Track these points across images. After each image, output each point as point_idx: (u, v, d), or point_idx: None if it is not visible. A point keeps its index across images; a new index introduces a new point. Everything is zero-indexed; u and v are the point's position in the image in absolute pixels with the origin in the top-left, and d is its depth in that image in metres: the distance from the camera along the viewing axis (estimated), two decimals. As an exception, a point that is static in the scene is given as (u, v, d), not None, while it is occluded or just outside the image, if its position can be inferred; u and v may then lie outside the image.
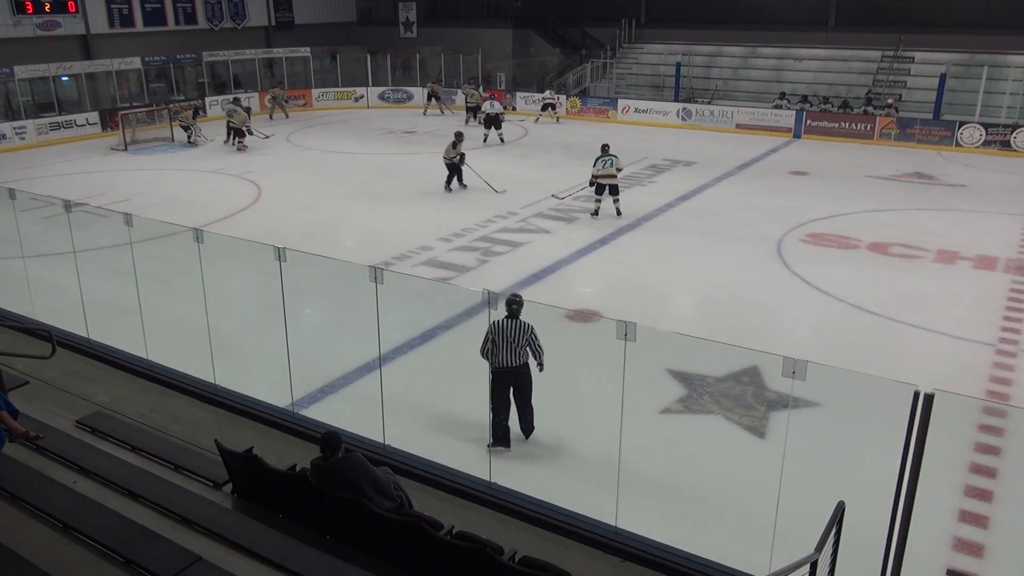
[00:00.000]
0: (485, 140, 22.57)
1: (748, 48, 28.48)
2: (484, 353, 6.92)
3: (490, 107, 22.89)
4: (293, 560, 4.46)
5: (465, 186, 17.13)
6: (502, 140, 22.74)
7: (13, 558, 4.39)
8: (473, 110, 25.47)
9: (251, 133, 22.20)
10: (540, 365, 7.12)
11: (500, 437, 7.05)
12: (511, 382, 7.00)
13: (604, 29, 31.04)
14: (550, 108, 26.57)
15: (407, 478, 6.02)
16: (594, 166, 14.76)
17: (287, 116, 27.08)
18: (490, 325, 6.80)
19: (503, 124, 22.95)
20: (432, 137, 23.83)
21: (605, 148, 15.03)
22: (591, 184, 14.94)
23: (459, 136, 16.89)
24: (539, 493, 6.21)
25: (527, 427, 7.21)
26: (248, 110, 23.92)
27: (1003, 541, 6.24)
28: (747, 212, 15.36)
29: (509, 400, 7.04)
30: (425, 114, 27.98)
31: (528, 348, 6.97)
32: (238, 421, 7.52)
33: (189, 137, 22.57)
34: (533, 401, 7.12)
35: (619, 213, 14.94)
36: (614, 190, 14.80)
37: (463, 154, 16.86)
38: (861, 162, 20.09)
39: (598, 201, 14.92)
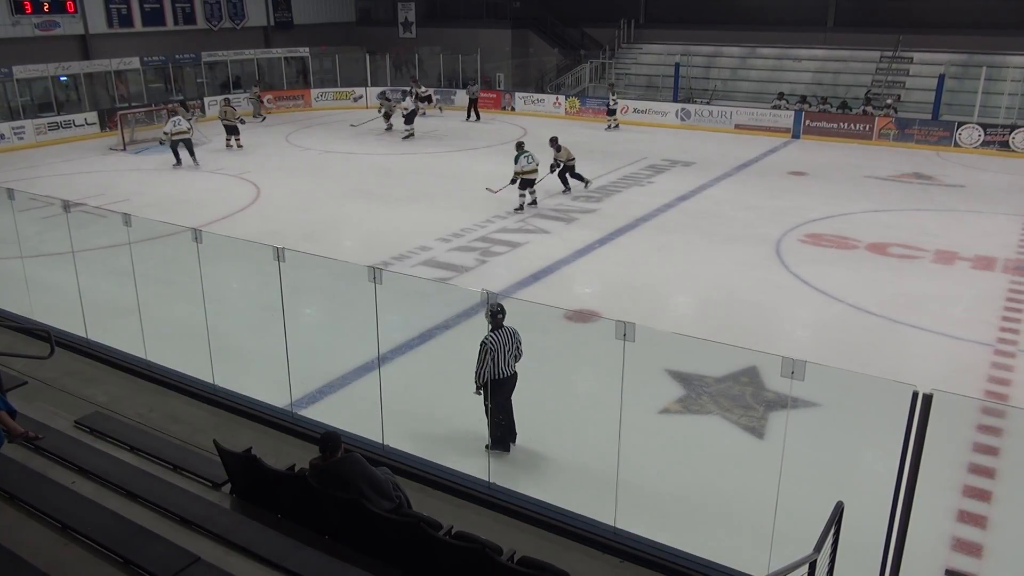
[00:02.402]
0: (406, 136, 23.26)
1: (747, 48, 28.51)
2: (482, 374, 6.78)
3: (411, 103, 23.86)
4: (292, 560, 4.46)
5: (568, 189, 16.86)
6: (412, 134, 23.38)
7: (12, 558, 4.38)
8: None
9: (243, 122, 22.17)
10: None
11: (500, 440, 7.05)
12: (511, 387, 6.98)
13: (603, 29, 31.07)
14: (613, 114, 25.21)
15: (406, 478, 6.02)
16: (516, 163, 15.26)
17: (255, 116, 26.91)
18: (485, 345, 6.74)
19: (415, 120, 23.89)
20: (431, 138, 23.84)
21: (521, 145, 15.69)
22: (513, 182, 15.43)
23: (553, 141, 16.59)
24: (538, 493, 6.22)
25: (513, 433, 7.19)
26: (226, 100, 23.74)
27: (1002, 541, 6.24)
28: (746, 212, 15.36)
29: (507, 404, 7.03)
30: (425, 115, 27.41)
31: (516, 352, 6.93)
32: (237, 421, 7.52)
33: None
34: (530, 401, 7.11)
35: (535, 203, 15.65)
36: (532, 183, 15.52)
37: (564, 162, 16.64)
38: (860, 162, 20.10)
39: (523, 196, 15.39)
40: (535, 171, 15.39)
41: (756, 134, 23.88)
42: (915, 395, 4.49)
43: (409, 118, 23.51)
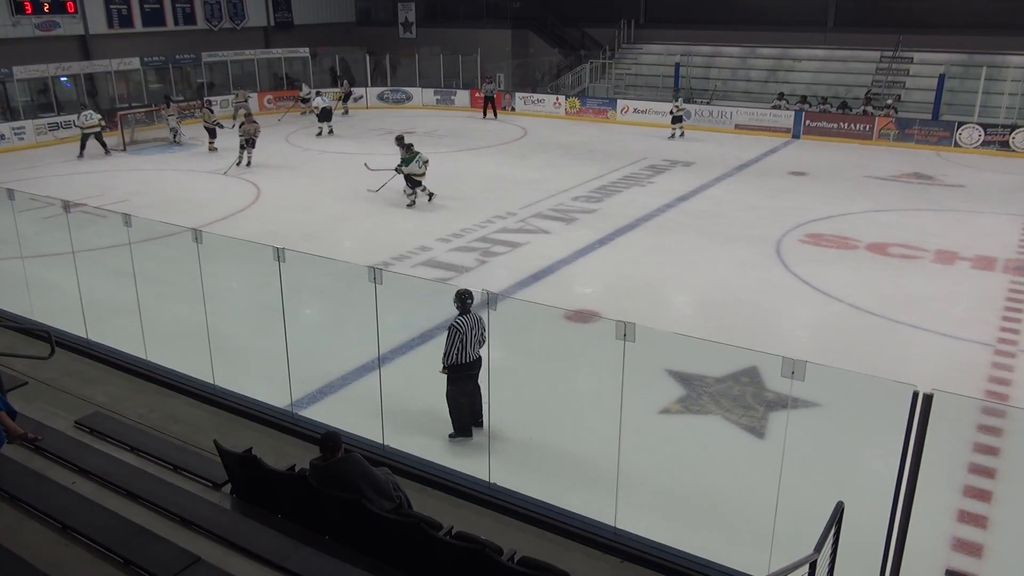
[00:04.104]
0: (319, 133, 23.73)
1: (747, 48, 28.50)
2: (449, 357, 6.96)
3: (322, 101, 24.04)
4: (292, 561, 4.46)
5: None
6: (331, 131, 23.82)
7: (12, 558, 4.38)
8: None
9: (221, 126, 22.26)
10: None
11: (465, 428, 7.17)
12: (476, 372, 7.08)
13: (603, 29, 31.06)
14: (679, 122, 23.50)
15: (406, 478, 6.02)
16: (407, 166, 15.53)
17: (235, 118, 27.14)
18: (454, 328, 6.90)
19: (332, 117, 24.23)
20: (432, 138, 23.82)
21: (410, 147, 15.86)
22: (397, 171, 15.81)
23: (399, 139, 16.44)
24: (538, 493, 6.21)
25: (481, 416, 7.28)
26: (210, 103, 24.01)
27: (1002, 541, 6.24)
28: (746, 212, 15.36)
29: (475, 388, 7.15)
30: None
31: (481, 336, 7.04)
32: (237, 422, 7.52)
33: (175, 136, 22.76)
34: (531, 401, 7.11)
35: (414, 195, 15.81)
36: (418, 183, 15.90)
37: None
38: (860, 162, 20.10)
39: (411, 194, 15.76)
40: (423, 173, 15.75)
41: (756, 134, 23.87)
42: (915, 395, 4.49)
43: (323, 115, 23.66)
